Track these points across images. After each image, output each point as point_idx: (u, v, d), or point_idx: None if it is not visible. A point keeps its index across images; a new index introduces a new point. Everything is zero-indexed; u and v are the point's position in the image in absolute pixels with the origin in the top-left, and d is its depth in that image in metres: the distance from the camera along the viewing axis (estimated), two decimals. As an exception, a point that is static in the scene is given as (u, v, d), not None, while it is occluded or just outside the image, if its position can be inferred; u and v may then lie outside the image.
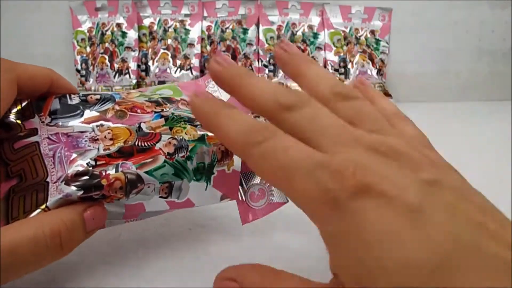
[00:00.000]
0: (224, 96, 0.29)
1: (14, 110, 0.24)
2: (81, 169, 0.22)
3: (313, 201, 0.16)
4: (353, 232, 0.15)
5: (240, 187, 0.27)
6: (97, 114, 0.25)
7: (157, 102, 0.27)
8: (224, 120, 0.19)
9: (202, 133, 0.26)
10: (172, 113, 0.26)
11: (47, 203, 0.21)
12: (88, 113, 0.25)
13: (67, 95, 0.26)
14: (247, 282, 0.18)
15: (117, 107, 0.26)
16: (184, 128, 0.26)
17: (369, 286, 0.15)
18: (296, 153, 0.17)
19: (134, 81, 0.68)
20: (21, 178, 0.22)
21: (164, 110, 0.27)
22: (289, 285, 0.18)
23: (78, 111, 0.25)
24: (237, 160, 0.26)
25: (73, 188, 0.21)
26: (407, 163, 0.17)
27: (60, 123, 0.24)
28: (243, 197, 0.27)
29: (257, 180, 0.27)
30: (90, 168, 0.22)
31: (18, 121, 0.24)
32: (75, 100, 0.26)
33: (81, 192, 0.21)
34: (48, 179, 0.22)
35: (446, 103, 0.75)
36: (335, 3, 0.71)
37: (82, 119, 0.25)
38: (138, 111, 0.26)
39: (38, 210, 0.20)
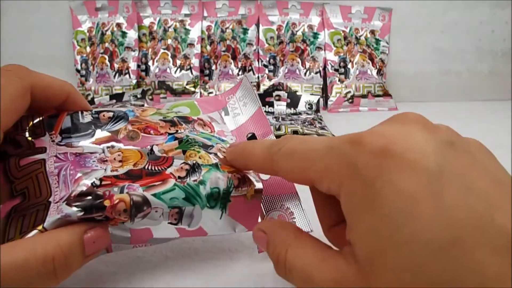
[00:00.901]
0: (246, 116, 0.29)
1: (26, 127, 0.23)
2: (84, 189, 0.20)
3: (335, 175, 0.17)
4: (372, 200, 0.16)
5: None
6: (109, 134, 0.24)
7: (172, 122, 0.26)
8: (249, 146, 0.23)
9: (215, 161, 0.24)
10: (187, 135, 0.25)
11: (44, 224, 0.19)
12: (100, 133, 0.24)
13: (79, 112, 0.25)
14: (274, 235, 0.20)
15: (129, 127, 0.25)
16: (198, 152, 0.24)
17: (379, 260, 0.15)
18: (313, 141, 0.19)
19: (134, 81, 0.68)
20: (25, 197, 0.21)
21: (179, 131, 0.25)
22: (307, 245, 0.19)
23: (90, 131, 0.24)
24: (258, 189, 0.24)
25: (74, 208, 0.20)
26: (424, 127, 0.17)
27: (71, 143, 0.23)
28: None
29: (277, 205, 0.26)
30: (94, 188, 0.21)
31: (29, 138, 0.23)
32: (87, 118, 0.25)
33: (81, 213, 0.20)
34: (51, 199, 0.20)
35: (446, 103, 0.75)
36: (335, 3, 0.71)
37: (93, 139, 0.24)
38: (151, 132, 0.25)
39: (34, 231, 0.19)
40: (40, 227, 0.19)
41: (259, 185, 0.24)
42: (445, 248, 0.14)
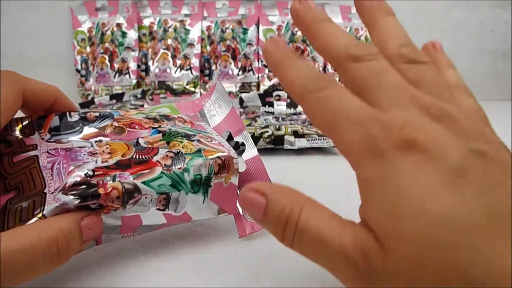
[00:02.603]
0: (221, 116, 0.31)
1: (16, 128, 0.25)
2: (78, 179, 0.22)
3: (357, 149, 0.17)
4: (390, 179, 0.16)
5: (237, 201, 0.27)
6: (96, 130, 0.26)
7: (154, 119, 0.28)
8: (290, 66, 0.20)
9: (198, 147, 0.26)
10: (170, 129, 0.27)
11: (44, 212, 0.20)
12: (87, 130, 0.26)
13: (67, 113, 0.27)
14: (279, 194, 0.18)
15: (115, 124, 0.27)
16: (181, 142, 0.26)
17: (394, 231, 0.15)
18: (349, 104, 0.18)
19: (134, 81, 0.68)
20: (19, 191, 0.22)
21: (162, 126, 0.27)
22: (322, 207, 0.18)
23: (78, 128, 0.26)
24: (235, 175, 0.26)
25: (70, 197, 0.21)
26: (458, 130, 0.17)
27: (60, 139, 0.25)
28: (240, 211, 0.27)
29: None
30: (88, 178, 0.22)
31: (19, 137, 0.25)
32: (75, 117, 0.26)
33: (78, 201, 0.21)
34: (45, 190, 0.22)
35: (446, 103, 0.75)
36: (335, 3, 0.71)
37: (81, 135, 0.25)
38: (136, 127, 0.27)
39: (34, 219, 0.20)
40: (40, 215, 0.20)
41: (235, 159, 0.26)
42: (461, 232, 0.14)
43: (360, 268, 0.16)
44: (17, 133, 0.25)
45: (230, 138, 0.31)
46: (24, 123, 0.25)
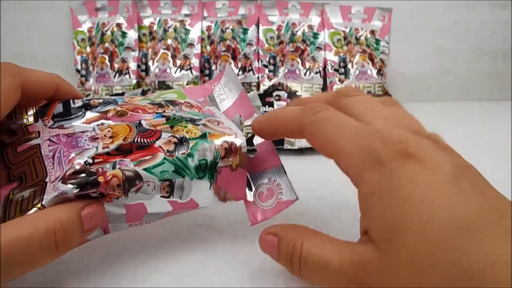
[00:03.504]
0: (231, 100, 0.30)
1: (20, 116, 0.25)
2: (78, 167, 0.21)
3: (359, 162, 0.18)
4: (392, 187, 0.17)
5: (247, 187, 0.26)
6: (98, 114, 0.25)
7: (159, 104, 0.27)
8: (280, 110, 0.23)
9: (204, 131, 0.25)
10: (174, 114, 0.26)
11: (42, 202, 0.20)
12: (90, 114, 0.25)
13: (71, 100, 0.26)
14: (286, 233, 0.21)
15: (118, 108, 0.26)
16: (185, 127, 0.25)
17: (396, 237, 0.16)
18: (347, 122, 0.20)
19: (134, 81, 0.68)
20: (22, 181, 0.22)
21: (166, 111, 0.27)
22: (323, 236, 0.20)
23: (80, 113, 0.25)
24: (243, 159, 0.26)
25: (70, 186, 0.21)
26: (444, 148, 0.19)
27: (62, 125, 0.24)
28: (252, 198, 0.26)
29: (265, 179, 0.27)
30: (87, 166, 0.22)
31: (23, 125, 0.24)
32: (78, 104, 0.26)
33: (77, 190, 0.21)
34: (46, 179, 0.21)
35: (446, 103, 0.75)
36: (335, 3, 0.71)
37: (83, 119, 0.25)
38: (140, 111, 0.26)
39: (34, 209, 0.20)
40: (39, 205, 0.20)
41: (242, 142, 0.25)
42: (460, 232, 0.15)
43: (360, 281, 0.17)
44: (21, 121, 0.25)
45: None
46: (28, 112, 0.25)
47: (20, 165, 0.23)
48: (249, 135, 0.28)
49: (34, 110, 0.25)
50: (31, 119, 0.25)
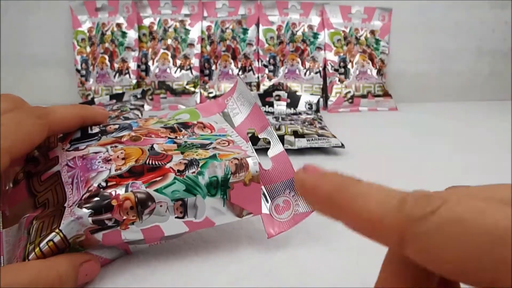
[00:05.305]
0: (244, 113, 0.30)
1: (42, 144, 0.26)
2: (93, 191, 0.22)
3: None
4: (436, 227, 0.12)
5: (263, 200, 0.26)
6: (113, 138, 0.26)
7: (172, 128, 0.28)
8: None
9: (213, 153, 0.25)
10: (185, 141, 0.27)
11: (60, 227, 0.21)
12: (105, 138, 0.26)
13: (89, 127, 0.27)
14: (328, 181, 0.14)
15: (132, 134, 0.27)
16: (196, 152, 0.25)
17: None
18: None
19: (134, 81, 0.68)
20: (45, 207, 0.23)
21: (178, 138, 0.27)
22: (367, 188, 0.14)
23: (96, 137, 0.26)
24: (256, 174, 0.25)
25: (84, 210, 0.21)
26: None
27: (78, 147, 0.25)
28: (268, 210, 0.26)
29: (281, 191, 0.27)
30: (101, 190, 0.22)
31: (44, 152, 0.25)
32: (95, 130, 0.27)
33: (91, 213, 0.21)
34: (65, 204, 0.22)
35: (446, 103, 0.75)
36: (335, 3, 0.71)
37: (99, 142, 0.26)
38: (153, 135, 0.27)
39: (52, 234, 0.21)
40: (57, 230, 0.21)
41: (254, 165, 0.25)
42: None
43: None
44: (43, 149, 0.26)
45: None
46: (50, 140, 0.26)
47: (44, 192, 0.24)
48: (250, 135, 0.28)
49: (56, 137, 0.27)
50: (52, 145, 0.26)
